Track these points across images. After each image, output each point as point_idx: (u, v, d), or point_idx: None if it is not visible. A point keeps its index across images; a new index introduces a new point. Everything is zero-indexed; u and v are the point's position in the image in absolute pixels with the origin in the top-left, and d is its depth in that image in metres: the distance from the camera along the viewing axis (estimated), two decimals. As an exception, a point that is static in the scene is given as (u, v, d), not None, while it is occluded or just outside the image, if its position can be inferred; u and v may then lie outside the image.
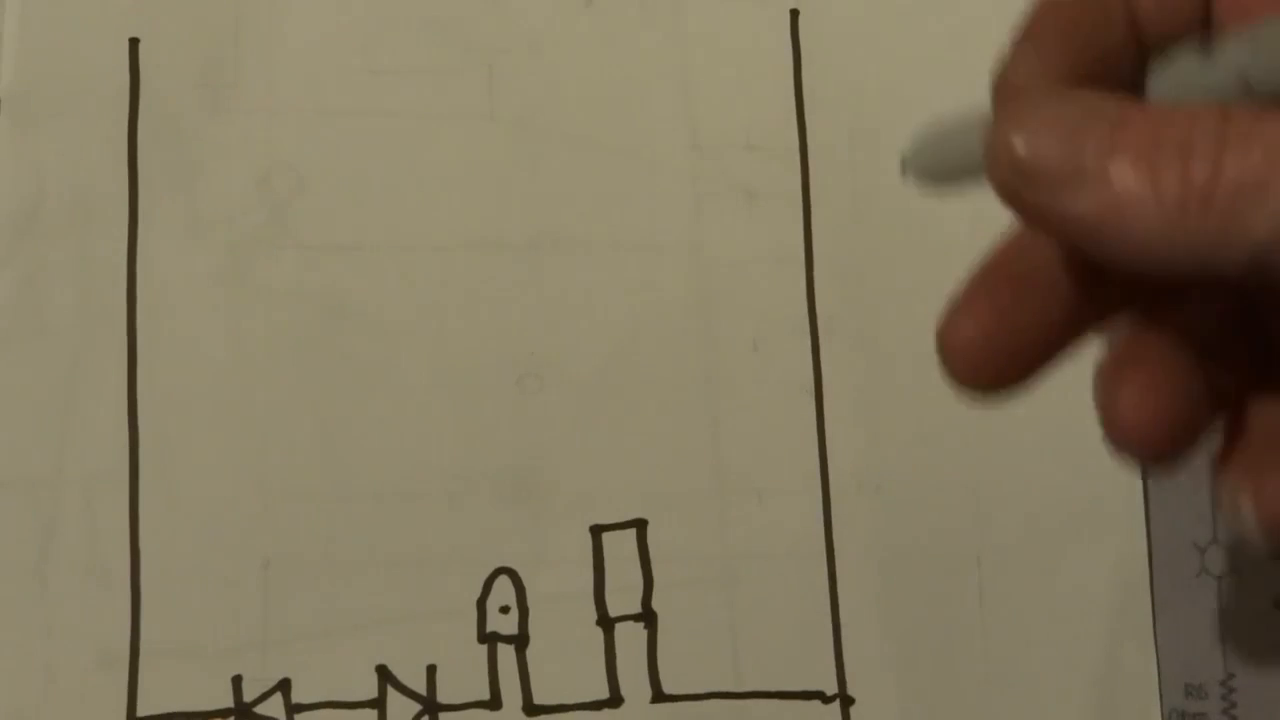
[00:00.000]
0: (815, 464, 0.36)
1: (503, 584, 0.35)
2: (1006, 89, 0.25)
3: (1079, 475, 0.37)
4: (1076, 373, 0.37)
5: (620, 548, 0.35)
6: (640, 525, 0.36)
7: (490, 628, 0.35)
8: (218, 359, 0.36)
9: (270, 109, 0.37)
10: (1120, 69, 0.24)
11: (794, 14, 0.38)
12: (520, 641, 0.35)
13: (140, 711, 0.34)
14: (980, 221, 0.38)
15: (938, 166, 0.30)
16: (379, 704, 0.34)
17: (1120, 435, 0.24)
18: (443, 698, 0.34)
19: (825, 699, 0.35)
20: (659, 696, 0.35)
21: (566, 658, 0.35)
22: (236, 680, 0.34)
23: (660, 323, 0.37)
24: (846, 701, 0.35)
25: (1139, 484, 0.37)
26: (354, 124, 0.37)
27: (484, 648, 0.35)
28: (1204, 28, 0.25)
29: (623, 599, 0.35)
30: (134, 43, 0.37)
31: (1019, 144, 0.21)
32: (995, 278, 0.26)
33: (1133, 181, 0.20)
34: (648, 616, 0.35)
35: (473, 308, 0.36)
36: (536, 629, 0.35)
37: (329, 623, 0.35)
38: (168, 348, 0.36)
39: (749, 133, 0.38)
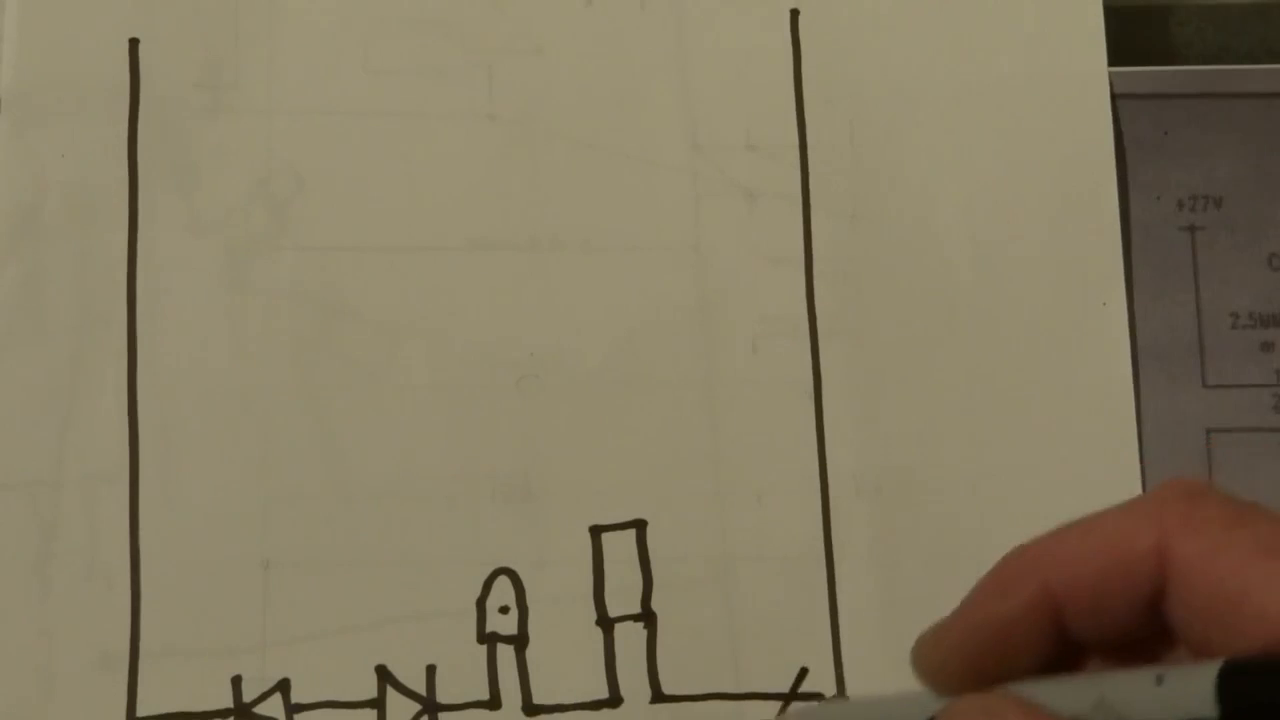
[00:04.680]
0: (814, 464, 0.36)
1: (502, 584, 0.35)
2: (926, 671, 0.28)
3: (1079, 475, 0.37)
4: (1076, 374, 0.37)
5: (620, 548, 0.35)
6: (640, 526, 0.36)
7: (490, 628, 0.35)
8: (218, 359, 0.36)
9: (270, 109, 0.37)
10: (1032, 654, 0.27)
11: (794, 14, 0.38)
12: (520, 642, 0.35)
13: (140, 712, 0.34)
14: (979, 222, 0.38)
15: None
16: (378, 704, 0.34)
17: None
18: (442, 698, 0.34)
19: (825, 700, 0.35)
20: (658, 697, 0.35)
21: (566, 658, 0.35)
22: (236, 680, 0.34)
23: (660, 323, 0.37)
24: (845, 702, 0.35)
25: (1138, 485, 0.37)
26: (354, 124, 0.37)
27: (483, 648, 0.35)
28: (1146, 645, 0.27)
29: (622, 599, 0.35)
30: (134, 43, 0.37)
31: None
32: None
33: None
34: (647, 617, 0.35)
35: (473, 308, 0.36)
36: (536, 629, 0.35)
37: (328, 623, 0.35)
38: (168, 348, 0.36)
39: (749, 133, 0.38)
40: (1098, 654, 0.28)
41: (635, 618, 0.35)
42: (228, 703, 0.34)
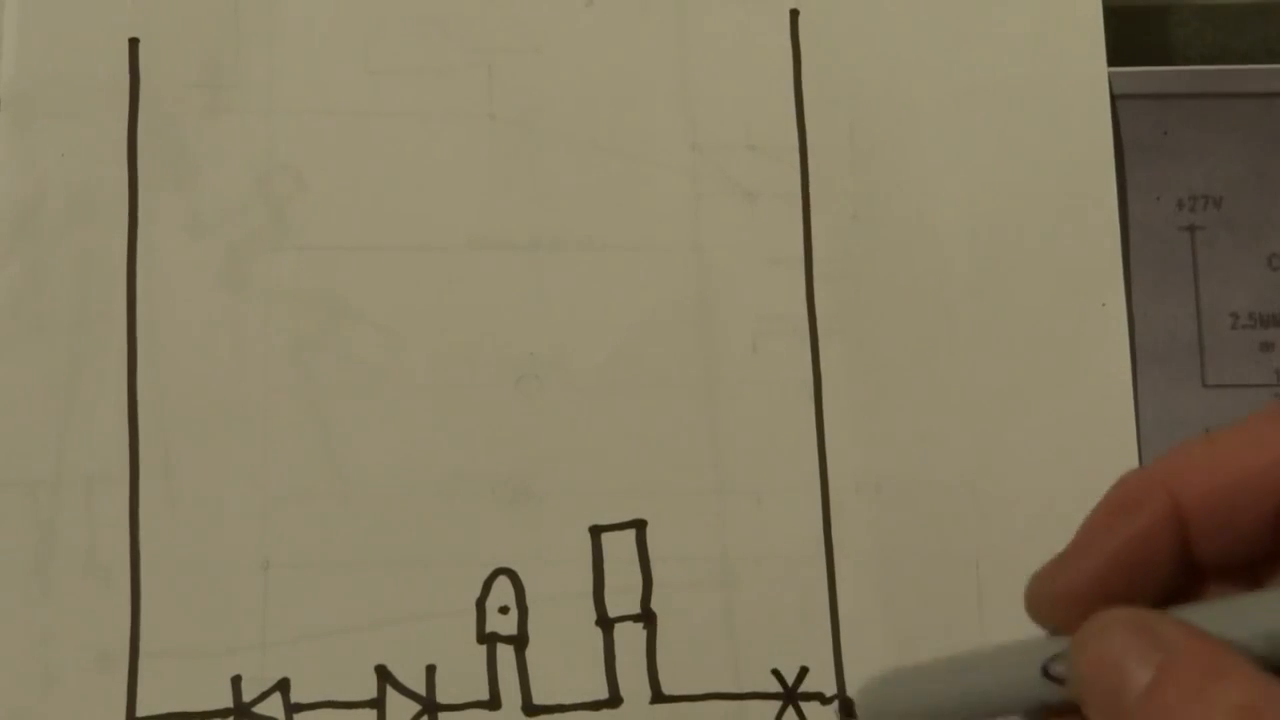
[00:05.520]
0: (814, 464, 0.36)
1: (502, 584, 0.35)
2: (1063, 599, 0.27)
3: (1079, 475, 0.37)
4: (1076, 374, 0.37)
5: (619, 548, 0.35)
6: (639, 526, 0.36)
7: (489, 628, 0.35)
8: (218, 359, 0.36)
9: (270, 109, 0.37)
10: (1160, 577, 0.26)
11: (794, 14, 0.38)
12: (519, 642, 0.35)
13: (139, 712, 0.34)
14: (979, 222, 0.38)
15: (890, 714, 0.32)
16: (378, 704, 0.34)
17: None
18: (442, 698, 0.34)
19: (824, 700, 0.35)
20: (658, 697, 0.35)
21: (566, 658, 0.35)
22: (236, 680, 0.34)
23: (660, 323, 0.37)
24: (846, 703, 0.35)
25: (1139, 485, 0.37)
26: (354, 124, 0.37)
27: (483, 648, 0.35)
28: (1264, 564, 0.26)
29: (622, 599, 0.35)
30: (134, 43, 0.37)
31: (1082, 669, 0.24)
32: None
33: None
34: (647, 617, 0.35)
35: (472, 308, 0.36)
36: (536, 629, 0.35)
37: (328, 623, 0.35)
38: (168, 348, 0.36)
39: (749, 133, 0.38)
40: (1218, 579, 0.27)
41: (635, 618, 0.35)
42: (227, 702, 0.34)
